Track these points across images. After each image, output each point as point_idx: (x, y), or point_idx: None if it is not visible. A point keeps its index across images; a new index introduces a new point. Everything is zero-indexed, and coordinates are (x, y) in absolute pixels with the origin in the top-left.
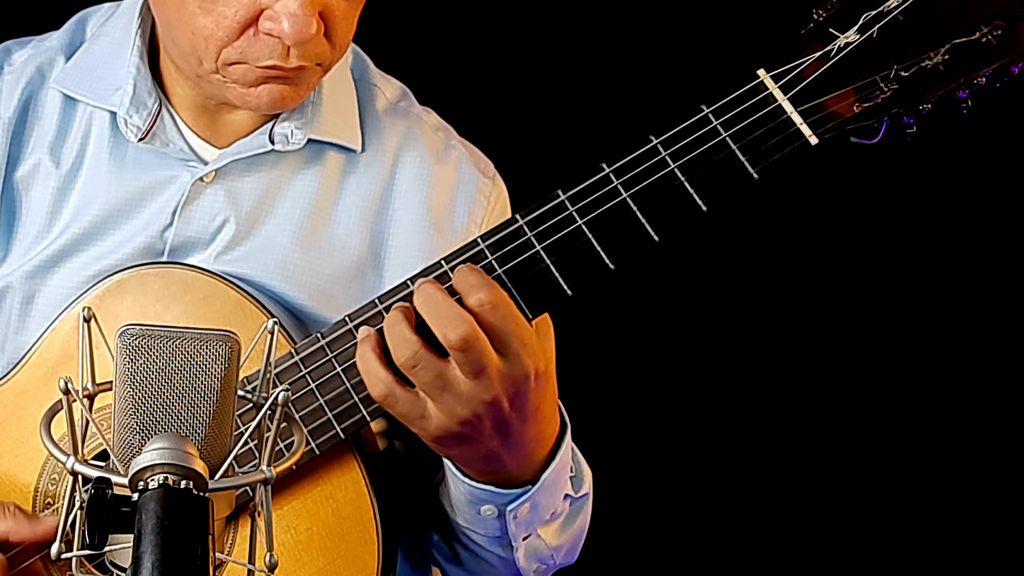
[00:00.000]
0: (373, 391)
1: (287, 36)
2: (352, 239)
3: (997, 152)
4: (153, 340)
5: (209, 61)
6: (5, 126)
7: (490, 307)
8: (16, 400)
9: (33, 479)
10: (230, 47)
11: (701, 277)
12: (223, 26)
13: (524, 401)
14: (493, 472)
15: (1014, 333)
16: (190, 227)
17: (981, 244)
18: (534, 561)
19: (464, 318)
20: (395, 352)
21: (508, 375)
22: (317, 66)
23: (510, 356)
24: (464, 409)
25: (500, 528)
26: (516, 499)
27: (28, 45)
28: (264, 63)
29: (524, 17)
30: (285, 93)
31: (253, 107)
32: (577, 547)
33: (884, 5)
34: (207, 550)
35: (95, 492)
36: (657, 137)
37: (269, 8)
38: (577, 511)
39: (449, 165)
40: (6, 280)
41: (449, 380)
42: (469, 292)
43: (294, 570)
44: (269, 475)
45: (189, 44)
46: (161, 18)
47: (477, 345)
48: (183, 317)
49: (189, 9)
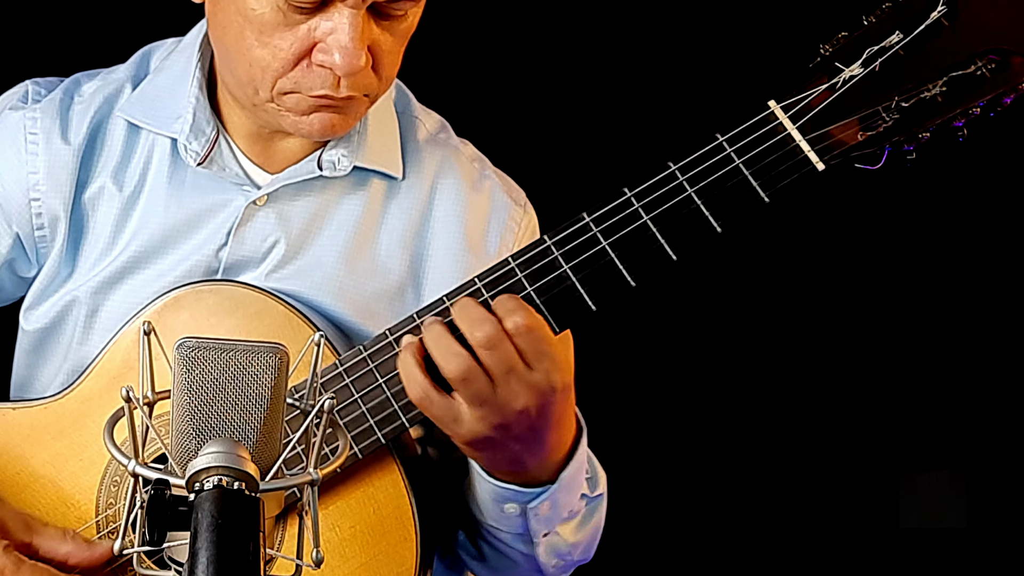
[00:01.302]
0: (411, 394)
1: (338, 68)
2: (393, 260)
3: (991, 177)
4: (208, 352)
5: (265, 90)
6: (75, 152)
7: (526, 329)
8: (80, 408)
9: (96, 481)
10: (285, 77)
11: (713, 292)
12: (279, 58)
13: (550, 411)
14: (516, 473)
15: (1009, 340)
16: (243, 247)
17: (975, 259)
18: (553, 557)
19: (492, 326)
20: (446, 364)
21: (537, 388)
22: (365, 96)
23: (541, 372)
24: (496, 416)
25: (522, 525)
26: (537, 497)
27: (97, 77)
28: (316, 92)
29: (555, 56)
30: (335, 121)
31: (305, 134)
32: (593, 545)
33: (886, 41)
34: (258, 547)
35: (155, 493)
36: (675, 163)
37: (322, 42)
38: (593, 510)
39: (484, 193)
40: (73, 294)
41: (489, 386)
42: (507, 316)
43: (338, 565)
44: (316, 477)
45: (247, 74)
46: (220, 50)
47: (501, 352)
48: (235, 331)
49: (247, 42)
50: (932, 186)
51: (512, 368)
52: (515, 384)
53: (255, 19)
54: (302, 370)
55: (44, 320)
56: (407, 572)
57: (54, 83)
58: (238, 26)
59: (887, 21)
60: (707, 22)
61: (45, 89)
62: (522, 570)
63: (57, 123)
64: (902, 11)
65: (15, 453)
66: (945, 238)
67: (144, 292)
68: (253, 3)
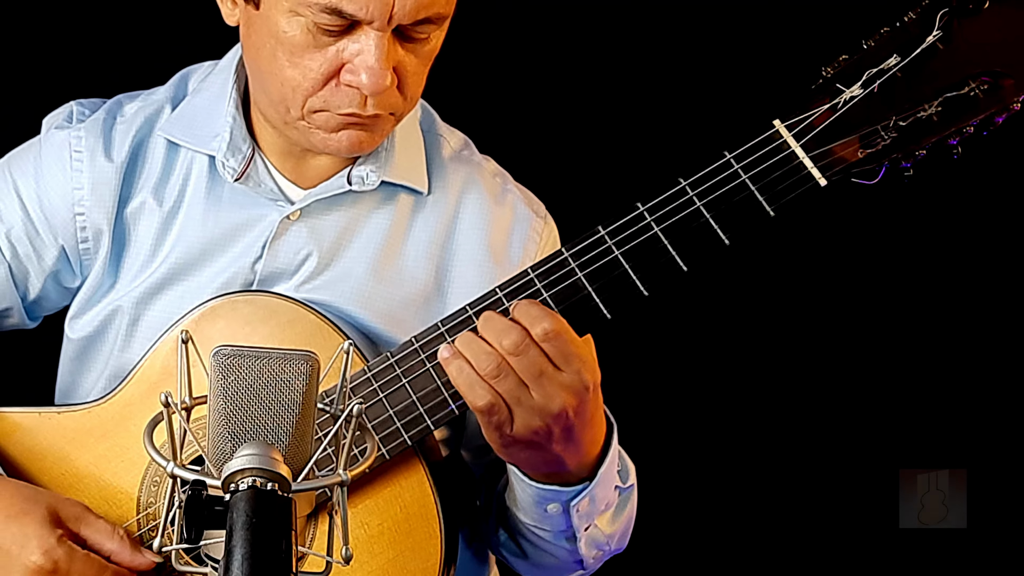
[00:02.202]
0: (478, 403)
1: (365, 87)
2: (419, 270)
3: (984, 193)
4: (243, 359)
5: (296, 109)
6: (118, 169)
7: (553, 333)
8: (122, 412)
9: (137, 482)
10: (315, 96)
11: (715, 293)
12: (309, 77)
13: (584, 410)
14: (555, 473)
15: (1009, 341)
16: (277, 259)
17: (974, 259)
18: (593, 548)
19: (517, 332)
20: (478, 363)
21: (571, 388)
22: (390, 115)
23: (572, 372)
24: (535, 420)
25: (565, 522)
26: (577, 495)
27: (138, 98)
28: (344, 111)
29: (574, 79)
30: (362, 138)
31: (334, 151)
32: (627, 533)
33: (884, 63)
34: (290, 544)
35: (192, 493)
36: (685, 179)
37: (350, 62)
38: (625, 500)
39: (506, 206)
40: (115, 304)
41: (523, 389)
42: (533, 323)
43: (367, 561)
44: (345, 478)
45: (279, 93)
46: (254, 71)
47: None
48: (269, 339)
49: (279, 62)
50: (931, 192)
51: (542, 371)
52: (548, 386)
53: (286, 41)
54: (332, 376)
55: (88, 329)
56: (432, 568)
57: (97, 104)
58: (271, 48)
59: (885, 45)
60: (716, 46)
61: (89, 109)
62: (562, 564)
63: (101, 142)
64: (899, 35)
65: (60, 455)
66: (944, 239)
67: (183, 302)
68: (284, 25)
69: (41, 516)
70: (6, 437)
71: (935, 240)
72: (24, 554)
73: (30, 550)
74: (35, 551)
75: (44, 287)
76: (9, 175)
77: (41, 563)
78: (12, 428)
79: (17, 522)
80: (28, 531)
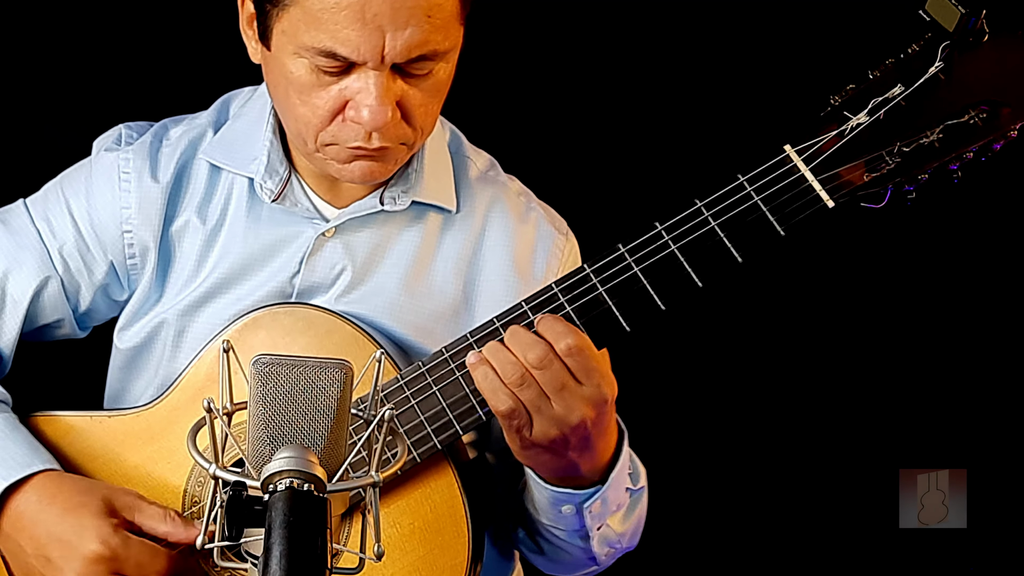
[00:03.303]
0: (499, 407)
1: (365, 124)
2: (448, 285)
3: (983, 215)
4: (281, 367)
5: (311, 142)
6: (163, 190)
7: (576, 349)
8: (169, 416)
9: (183, 482)
10: (324, 131)
11: (723, 302)
12: (317, 115)
13: (601, 421)
14: (570, 477)
15: (1008, 341)
16: (314, 274)
17: (973, 260)
18: (605, 546)
19: (541, 344)
20: (503, 371)
21: (591, 400)
22: (401, 145)
23: (593, 386)
24: (555, 429)
25: (579, 523)
26: (590, 497)
27: (182, 123)
28: (352, 144)
29: (597, 106)
30: (373, 168)
31: (348, 179)
32: (638, 532)
33: (889, 92)
34: (326, 542)
35: (233, 493)
36: (701, 200)
37: (352, 100)
38: (636, 501)
39: (530, 224)
40: (161, 316)
41: (544, 399)
42: (558, 338)
43: (399, 558)
44: (377, 479)
45: (295, 128)
46: (276, 106)
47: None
48: (307, 348)
49: (291, 100)
50: (930, 222)
51: (564, 385)
52: (569, 399)
53: (295, 81)
54: (366, 383)
55: (136, 339)
56: (460, 565)
57: (144, 127)
58: (283, 86)
59: (890, 75)
60: (731, 75)
61: (136, 133)
62: (576, 560)
63: (147, 163)
64: (903, 66)
65: (111, 455)
66: (943, 240)
67: (225, 314)
68: (291, 66)
69: (96, 507)
70: (61, 438)
71: (934, 241)
72: (82, 544)
73: (88, 540)
74: (93, 540)
75: (94, 300)
76: (62, 194)
77: (100, 551)
78: (66, 430)
79: (74, 514)
80: (85, 522)
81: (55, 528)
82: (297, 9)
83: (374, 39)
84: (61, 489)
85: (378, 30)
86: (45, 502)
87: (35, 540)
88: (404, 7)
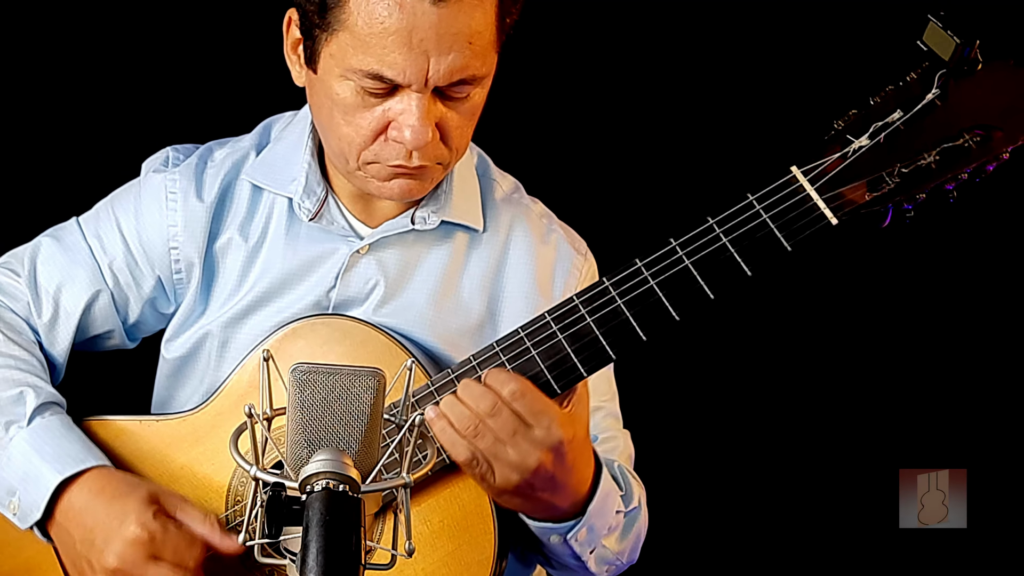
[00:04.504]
0: (459, 457)
1: (407, 143)
2: (474, 300)
3: (978, 231)
4: (317, 375)
5: (352, 160)
6: (208, 209)
7: (519, 393)
8: (213, 420)
9: (226, 481)
10: (367, 150)
11: (734, 318)
12: (360, 134)
13: (563, 460)
14: (550, 513)
15: (1008, 341)
16: (349, 288)
17: (973, 260)
18: (604, 564)
19: (487, 395)
20: (459, 423)
21: (543, 443)
22: (438, 164)
23: (543, 428)
24: (516, 475)
25: (568, 550)
26: (572, 528)
27: (226, 145)
28: (393, 163)
29: (615, 129)
30: (412, 186)
31: (387, 197)
32: (637, 548)
33: (889, 117)
34: (360, 539)
35: (273, 494)
36: (713, 218)
37: (395, 120)
38: (632, 520)
39: (550, 244)
40: (207, 328)
41: (500, 446)
42: (502, 386)
43: (429, 553)
44: (409, 480)
45: (337, 147)
46: (319, 127)
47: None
48: (343, 357)
49: (336, 121)
50: (927, 238)
51: (515, 430)
52: (523, 443)
53: (340, 102)
54: (399, 389)
55: (182, 349)
56: (487, 560)
57: (191, 149)
58: (328, 107)
59: (890, 101)
60: (740, 101)
61: (183, 155)
62: (580, 574)
63: (193, 184)
64: (902, 93)
65: (159, 457)
66: (943, 241)
67: (266, 325)
68: (337, 88)
69: (140, 496)
70: (112, 440)
71: (934, 242)
72: (124, 527)
73: (129, 523)
74: (133, 523)
75: (142, 312)
76: (112, 212)
77: (139, 534)
78: (117, 432)
79: (120, 501)
80: (128, 507)
81: (101, 515)
82: (346, 34)
83: (419, 63)
84: (110, 482)
85: (423, 55)
86: (95, 494)
87: (83, 527)
88: (448, 33)
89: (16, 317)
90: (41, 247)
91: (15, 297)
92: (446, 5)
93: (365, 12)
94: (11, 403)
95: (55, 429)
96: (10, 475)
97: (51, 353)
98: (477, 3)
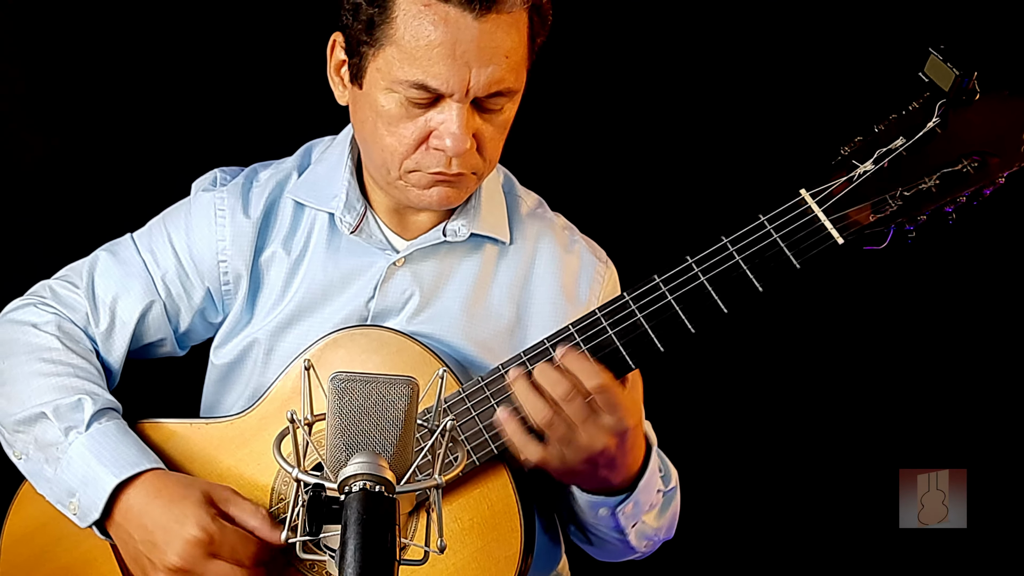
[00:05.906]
0: (533, 457)
1: (448, 150)
2: (504, 308)
3: (975, 252)
4: (355, 383)
5: (395, 169)
6: (254, 225)
7: (602, 388)
8: (258, 424)
9: (270, 482)
10: (409, 159)
11: (744, 328)
12: (403, 143)
13: (624, 445)
14: (603, 488)
15: (1008, 341)
16: (387, 299)
17: (973, 260)
18: (643, 540)
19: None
20: (535, 414)
21: (613, 430)
22: (472, 174)
23: (615, 418)
24: (583, 454)
25: (614, 522)
26: (622, 502)
27: (271, 167)
28: (433, 170)
29: (633, 151)
30: (450, 194)
31: (426, 205)
32: (673, 526)
33: (892, 144)
34: (395, 536)
35: (313, 494)
36: (727, 237)
37: (436, 130)
38: (670, 500)
39: (574, 255)
40: (253, 336)
41: (572, 431)
42: (587, 378)
43: (459, 549)
44: (440, 482)
45: (380, 158)
46: (361, 140)
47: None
48: (380, 366)
49: (380, 132)
50: (927, 258)
51: (588, 416)
52: (593, 428)
53: (384, 114)
54: (432, 396)
55: (230, 356)
56: (514, 556)
57: (237, 171)
58: (372, 120)
59: (893, 129)
60: (752, 128)
61: (230, 175)
62: (619, 550)
63: (240, 202)
64: (905, 121)
65: (207, 458)
66: (943, 241)
67: (309, 334)
68: (383, 101)
69: (197, 498)
70: (164, 442)
71: (934, 243)
72: (184, 529)
73: (189, 526)
74: (193, 526)
75: (192, 322)
76: (164, 229)
77: (199, 535)
78: (168, 435)
79: (178, 505)
80: (187, 511)
81: (160, 517)
82: (393, 48)
83: (461, 74)
84: (166, 485)
85: (465, 66)
86: (152, 495)
87: (143, 528)
88: (488, 47)
89: (75, 327)
90: (98, 261)
91: (74, 308)
92: (486, 21)
93: (412, 27)
94: (70, 410)
95: (112, 434)
96: (70, 477)
97: (107, 360)
98: (512, 22)
